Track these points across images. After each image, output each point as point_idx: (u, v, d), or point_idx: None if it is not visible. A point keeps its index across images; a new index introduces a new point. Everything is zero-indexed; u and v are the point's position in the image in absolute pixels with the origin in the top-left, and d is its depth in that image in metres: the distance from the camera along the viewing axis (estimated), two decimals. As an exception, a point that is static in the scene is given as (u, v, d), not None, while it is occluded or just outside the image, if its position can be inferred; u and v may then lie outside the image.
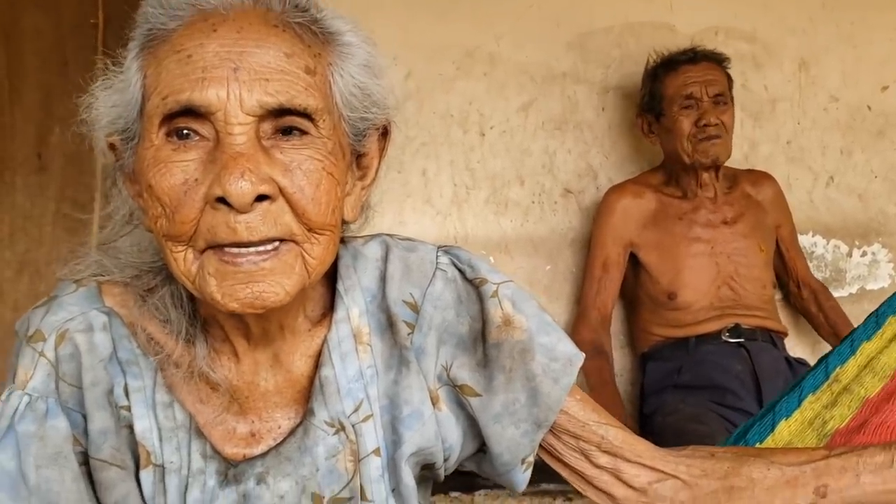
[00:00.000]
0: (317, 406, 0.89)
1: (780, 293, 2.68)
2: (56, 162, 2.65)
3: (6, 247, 2.64)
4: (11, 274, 2.64)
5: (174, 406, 0.87)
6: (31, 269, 2.64)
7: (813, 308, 2.60)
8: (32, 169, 2.65)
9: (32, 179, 2.65)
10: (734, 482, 0.97)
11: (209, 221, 0.77)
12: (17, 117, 2.66)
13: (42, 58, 2.67)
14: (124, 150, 0.84)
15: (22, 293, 2.63)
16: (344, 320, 0.92)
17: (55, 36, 2.67)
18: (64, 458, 0.84)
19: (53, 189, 2.66)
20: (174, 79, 0.78)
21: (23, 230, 2.65)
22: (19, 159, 2.66)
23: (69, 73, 2.64)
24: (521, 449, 0.97)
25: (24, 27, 2.67)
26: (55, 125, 2.63)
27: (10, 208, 2.65)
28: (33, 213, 2.65)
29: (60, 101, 2.63)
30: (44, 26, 2.68)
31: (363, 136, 0.87)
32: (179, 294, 0.88)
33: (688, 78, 2.39)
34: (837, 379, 1.14)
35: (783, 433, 1.13)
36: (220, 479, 0.87)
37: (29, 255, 2.64)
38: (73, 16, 2.66)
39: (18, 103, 2.66)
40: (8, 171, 2.65)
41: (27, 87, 2.66)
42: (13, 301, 2.63)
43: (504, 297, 0.95)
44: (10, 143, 2.65)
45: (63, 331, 0.86)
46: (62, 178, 2.65)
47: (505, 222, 2.66)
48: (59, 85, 2.64)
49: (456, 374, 0.95)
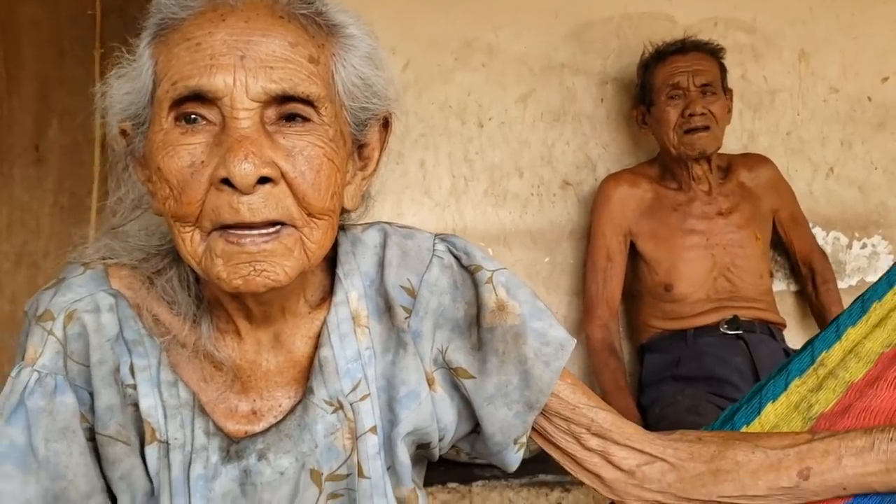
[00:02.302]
0: (316, 385, 0.93)
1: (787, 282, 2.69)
2: (54, 154, 2.65)
3: (4, 239, 2.64)
4: (9, 266, 2.64)
5: (178, 385, 0.90)
6: (29, 261, 2.64)
7: (809, 287, 2.61)
8: (30, 161, 2.65)
9: (30, 171, 2.66)
10: (720, 465, 1.00)
11: (213, 202, 0.80)
12: (14, 109, 2.66)
13: (39, 49, 2.67)
14: (135, 135, 0.88)
15: (20, 285, 2.63)
16: (343, 303, 0.95)
17: (52, 27, 2.67)
18: (72, 433, 0.88)
19: (51, 181, 2.66)
20: (184, 65, 0.81)
21: (20, 222, 2.65)
22: (17, 151, 2.66)
23: (66, 65, 2.64)
24: (514, 429, 1.00)
25: (22, 18, 2.66)
26: (53, 117, 2.63)
27: (7, 200, 2.65)
28: (31, 205, 2.65)
29: (58, 93, 2.62)
30: (41, 17, 2.67)
31: (364, 126, 0.91)
32: (186, 276, 0.92)
33: (675, 68, 2.38)
34: (823, 363, 1.15)
35: (769, 416, 1.14)
36: (222, 455, 0.90)
37: (27, 247, 2.64)
38: (71, 7, 2.66)
39: (16, 95, 2.66)
40: (5, 163, 2.65)
41: (24, 79, 2.66)
42: (11, 293, 2.63)
43: (498, 283, 0.98)
44: (7, 135, 2.65)
45: (71, 311, 0.89)
46: (60, 169, 2.66)
47: (503, 214, 2.66)
48: (56, 76, 2.64)
49: (451, 356, 0.98)
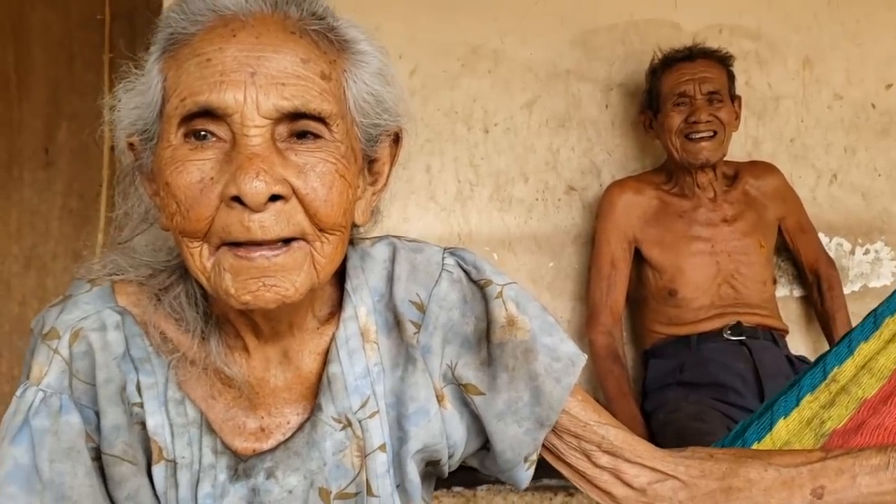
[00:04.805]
0: (324, 402, 0.91)
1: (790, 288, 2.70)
2: (63, 157, 2.66)
3: (13, 242, 2.66)
4: (18, 269, 2.65)
5: (185, 402, 0.89)
6: (38, 264, 2.65)
7: (814, 294, 2.61)
8: (40, 164, 2.67)
9: (40, 175, 2.67)
10: (732, 483, 0.98)
11: (224, 220, 0.79)
12: (24, 112, 2.67)
13: (49, 53, 2.68)
14: (143, 150, 0.87)
15: (29, 288, 2.65)
16: (352, 318, 0.94)
17: (63, 31, 2.68)
18: (77, 453, 0.86)
19: (60, 184, 2.67)
20: (193, 81, 0.80)
21: (30, 225, 2.66)
22: (27, 154, 2.67)
23: (76, 69, 2.66)
24: (524, 447, 0.99)
25: (32, 23, 2.68)
26: (62, 121, 2.64)
27: (17, 203, 2.66)
28: (40, 209, 2.66)
29: (68, 97, 2.64)
30: (51, 22, 2.69)
31: (375, 141, 0.89)
32: (194, 293, 0.90)
33: (682, 75, 2.39)
34: (835, 379, 1.15)
35: (781, 432, 1.13)
36: (230, 473, 0.88)
37: (36, 250, 2.66)
38: (81, 12, 2.67)
39: (26, 98, 2.67)
40: (15, 166, 2.67)
41: (34, 83, 2.67)
42: (20, 295, 2.65)
43: (508, 298, 0.96)
44: (17, 138, 2.67)
45: (77, 329, 0.88)
46: (69, 173, 2.67)
47: (508, 219, 2.67)
48: (66, 81, 2.65)
49: (461, 372, 0.97)
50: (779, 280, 2.69)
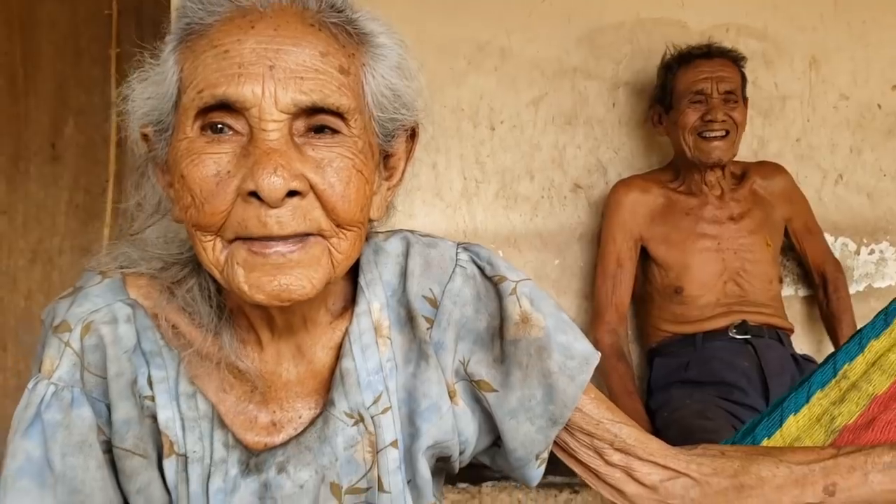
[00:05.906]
0: (337, 397, 0.91)
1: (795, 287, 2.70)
2: (70, 152, 2.67)
3: (20, 236, 2.66)
4: (25, 262, 2.66)
5: (197, 396, 0.88)
6: (45, 258, 2.66)
7: (820, 294, 2.61)
8: (46, 158, 2.67)
9: (46, 169, 2.67)
10: (744, 480, 0.98)
11: (240, 214, 0.78)
12: (31, 107, 2.68)
13: (57, 48, 2.68)
14: (157, 141, 0.86)
15: (35, 282, 2.65)
16: (365, 313, 0.93)
17: (70, 26, 2.69)
18: (89, 447, 0.86)
19: (67, 179, 2.67)
20: (211, 73, 0.78)
21: (36, 219, 2.67)
22: (33, 149, 2.68)
23: (83, 64, 2.66)
24: (536, 445, 0.98)
25: (40, 17, 2.68)
26: (69, 115, 2.65)
27: (23, 197, 2.67)
28: (46, 203, 2.67)
29: (74, 92, 2.64)
30: (59, 16, 2.69)
31: (392, 136, 0.88)
32: (207, 286, 0.89)
33: (699, 73, 2.38)
34: (846, 375, 1.15)
35: (791, 429, 1.14)
36: (241, 468, 0.88)
37: (42, 245, 2.66)
38: (88, 6, 2.68)
39: (33, 93, 2.68)
40: (22, 161, 2.67)
41: (42, 77, 2.68)
42: (26, 289, 2.65)
43: (522, 294, 0.96)
44: (24, 133, 2.67)
45: (88, 322, 0.87)
46: (75, 167, 2.67)
47: (514, 216, 2.67)
48: (73, 75, 2.66)
49: (473, 369, 0.96)
50: (784, 279, 2.69)
